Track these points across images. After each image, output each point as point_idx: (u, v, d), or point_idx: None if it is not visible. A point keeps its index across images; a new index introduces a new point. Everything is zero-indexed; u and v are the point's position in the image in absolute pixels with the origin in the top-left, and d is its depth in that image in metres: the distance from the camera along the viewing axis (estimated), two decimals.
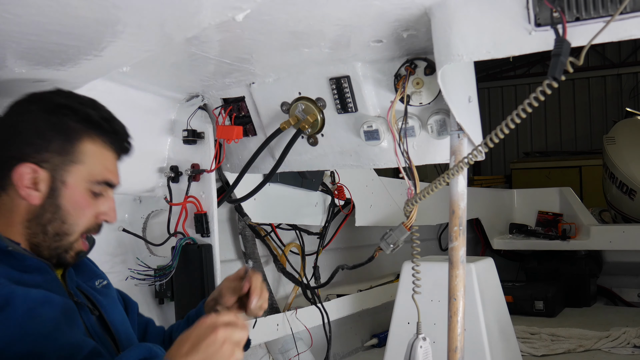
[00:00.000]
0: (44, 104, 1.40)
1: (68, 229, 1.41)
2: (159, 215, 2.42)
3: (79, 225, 1.42)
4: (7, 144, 1.38)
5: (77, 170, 1.40)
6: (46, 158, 1.37)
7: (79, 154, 1.40)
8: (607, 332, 3.84)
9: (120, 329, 1.52)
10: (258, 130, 2.26)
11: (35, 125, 1.38)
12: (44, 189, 1.37)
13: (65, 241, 1.41)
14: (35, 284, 1.34)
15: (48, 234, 1.39)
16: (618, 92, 12.02)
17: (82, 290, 1.50)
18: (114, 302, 1.59)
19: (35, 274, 1.36)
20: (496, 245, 5.24)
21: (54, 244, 1.40)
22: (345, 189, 3.24)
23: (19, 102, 1.44)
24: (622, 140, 5.69)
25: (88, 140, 1.41)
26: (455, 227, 1.71)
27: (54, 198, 1.38)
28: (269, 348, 3.05)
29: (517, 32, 1.44)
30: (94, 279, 1.59)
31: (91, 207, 1.43)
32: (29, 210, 1.38)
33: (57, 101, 1.41)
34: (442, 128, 1.87)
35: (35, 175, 1.37)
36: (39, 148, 1.37)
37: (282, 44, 1.76)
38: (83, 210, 1.42)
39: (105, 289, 1.59)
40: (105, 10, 1.28)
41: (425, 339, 1.84)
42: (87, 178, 1.41)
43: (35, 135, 1.37)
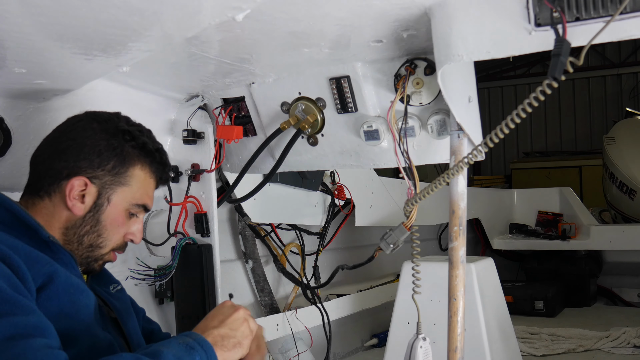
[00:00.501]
0: (108, 126, 1.50)
1: (102, 242, 1.51)
2: (159, 215, 2.43)
3: (112, 240, 1.53)
4: (65, 155, 1.47)
5: (122, 191, 1.51)
6: (99, 175, 1.48)
7: (128, 177, 1.51)
8: (607, 332, 3.84)
9: (132, 332, 1.58)
10: (258, 130, 2.26)
11: (96, 143, 1.48)
12: (89, 202, 1.47)
13: (96, 253, 1.52)
14: None
15: (83, 244, 1.49)
16: (618, 92, 12.02)
17: (98, 294, 1.56)
18: (128, 307, 1.65)
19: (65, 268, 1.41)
20: (496, 245, 5.24)
21: (86, 254, 1.51)
22: (345, 189, 3.24)
23: (80, 117, 1.53)
24: (622, 140, 5.70)
25: (139, 167, 1.53)
26: (455, 227, 1.71)
27: (96, 213, 1.49)
28: (269, 348, 3.05)
29: (517, 32, 1.44)
30: (109, 284, 1.65)
31: (125, 226, 1.54)
32: (69, 219, 1.47)
33: (120, 126, 1.51)
34: (442, 128, 1.87)
35: (85, 189, 1.46)
36: (95, 165, 1.47)
37: (282, 44, 1.76)
38: (118, 228, 1.53)
39: (120, 294, 1.66)
40: (105, 10, 1.28)
41: (425, 339, 1.84)
42: (130, 200, 1.52)
43: (94, 153, 1.47)
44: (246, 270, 3.00)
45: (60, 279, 1.33)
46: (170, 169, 1.66)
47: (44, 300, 1.29)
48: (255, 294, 3.02)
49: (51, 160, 1.47)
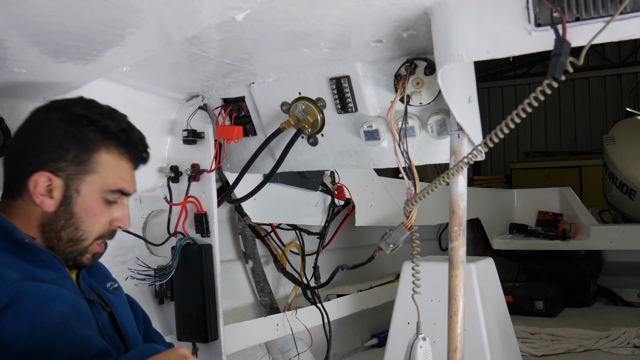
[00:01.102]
0: (64, 114, 1.43)
1: (82, 235, 1.45)
2: (159, 215, 2.42)
3: (92, 231, 1.46)
4: (26, 152, 1.42)
5: (91, 179, 1.43)
6: (62, 167, 1.41)
7: (94, 164, 1.43)
8: (607, 332, 3.84)
9: (129, 329, 1.55)
10: (258, 130, 2.26)
11: (54, 134, 1.41)
12: (58, 196, 1.41)
13: (79, 246, 1.46)
14: (48, 280, 1.37)
15: (62, 240, 1.44)
16: (618, 92, 12.02)
17: (95, 290, 1.54)
18: (124, 304, 1.63)
19: (49, 270, 1.39)
20: (496, 245, 5.24)
21: (68, 249, 1.45)
22: (345, 189, 3.24)
23: (40, 109, 1.47)
24: (622, 140, 5.69)
25: (104, 151, 1.44)
26: (455, 227, 1.71)
27: (68, 206, 1.42)
28: (269, 348, 3.05)
29: (517, 32, 1.44)
30: (105, 281, 1.63)
31: (104, 215, 1.47)
32: (43, 216, 1.43)
33: (77, 111, 1.43)
34: (442, 128, 1.87)
35: (50, 184, 1.40)
36: (56, 157, 1.40)
37: (282, 44, 1.76)
38: (96, 218, 1.46)
39: (116, 291, 1.63)
40: (105, 10, 1.28)
41: (425, 339, 1.84)
42: (101, 187, 1.45)
43: (53, 145, 1.40)
44: (246, 270, 3.00)
45: (28, 293, 1.28)
46: (144, 146, 1.54)
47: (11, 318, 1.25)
48: (255, 294, 3.02)
49: (16, 158, 1.43)
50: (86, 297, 1.46)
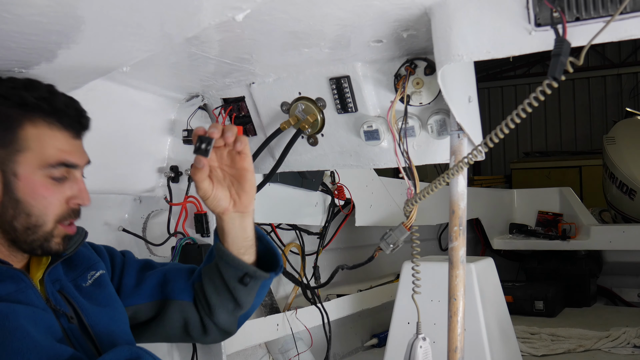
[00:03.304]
0: None
1: (37, 220, 1.32)
2: (159, 215, 2.42)
3: (47, 214, 1.33)
4: None
5: (25, 159, 1.30)
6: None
7: (22, 141, 1.30)
8: (607, 332, 3.84)
9: (102, 333, 1.44)
10: (258, 130, 2.26)
11: None
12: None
13: (39, 233, 1.33)
14: (6, 293, 1.27)
15: (17, 230, 1.32)
16: (618, 92, 12.03)
17: (64, 294, 1.43)
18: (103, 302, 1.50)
19: (7, 282, 1.29)
20: (496, 245, 5.24)
21: (29, 238, 1.33)
22: (345, 189, 3.24)
23: None
24: (622, 140, 5.70)
25: (29, 125, 1.31)
26: (455, 227, 1.71)
27: (10, 193, 1.30)
28: (269, 348, 3.05)
29: (517, 32, 1.44)
30: (87, 272, 1.52)
31: (55, 194, 1.34)
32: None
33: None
34: (442, 128, 1.87)
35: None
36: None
37: (282, 44, 1.76)
38: (46, 199, 1.32)
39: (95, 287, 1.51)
40: (105, 10, 1.28)
41: (425, 339, 1.84)
42: (40, 164, 1.31)
43: None
44: None
45: None
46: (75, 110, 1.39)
47: None
48: None
49: None
50: (52, 306, 1.35)
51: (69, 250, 1.45)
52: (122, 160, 2.19)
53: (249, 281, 1.55)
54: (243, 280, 1.55)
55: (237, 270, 1.55)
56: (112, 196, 2.32)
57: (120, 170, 2.20)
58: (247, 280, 1.55)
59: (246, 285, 1.55)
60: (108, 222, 2.33)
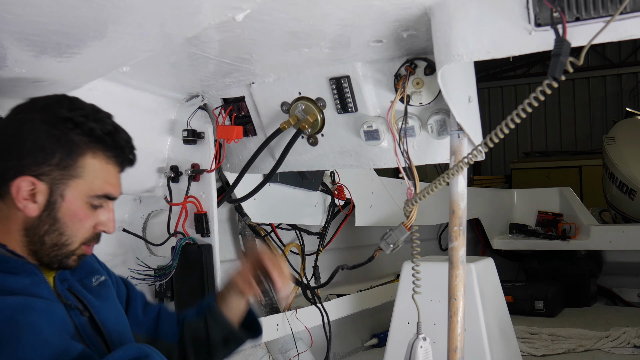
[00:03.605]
0: (48, 116, 1.37)
1: (66, 240, 1.40)
2: (159, 215, 2.42)
3: (77, 236, 1.41)
4: (7, 153, 1.36)
5: (76, 184, 1.38)
6: (46, 171, 1.35)
7: (79, 169, 1.38)
8: (607, 332, 3.83)
9: (112, 329, 1.49)
10: (258, 130, 2.26)
11: (37, 137, 1.35)
12: (41, 201, 1.36)
13: (64, 250, 1.41)
14: (21, 287, 1.31)
15: (45, 244, 1.39)
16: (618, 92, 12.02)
17: (74, 292, 1.48)
18: (110, 301, 1.56)
19: (23, 276, 1.34)
20: (496, 245, 5.24)
21: (53, 253, 1.40)
22: (345, 189, 3.24)
23: (21, 108, 1.41)
24: (622, 140, 5.69)
25: (90, 155, 1.39)
26: (455, 227, 1.71)
27: (52, 211, 1.37)
28: (269, 348, 3.05)
29: (517, 32, 1.44)
30: (91, 275, 1.56)
31: (89, 219, 1.42)
32: (25, 220, 1.37)
33: (61, 114, 1.37)
34: (442, 128, 1.87)
35: (33, 188, 1.35)
36: (40, 161, 1.35)
37: (282, 44, 1.76)
38: (81, 223, 1.41)
39: (101, 288, 1.57)
40: (105, 10, 1.28)
41: (425, 339, 1.84)
42: (87, 192, 1.40)
43: (37, 148, 1.35)
44: None
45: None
46: (130, 148, 1.48)
47: None
48: None
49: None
50: (63, 301, 1.41)
51: None
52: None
53: (231, 342, 1.73)
54: (227, 339, 1.71)
55: (224, 330, 1.72)
56: None
57: None
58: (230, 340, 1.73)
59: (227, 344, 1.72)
60: None
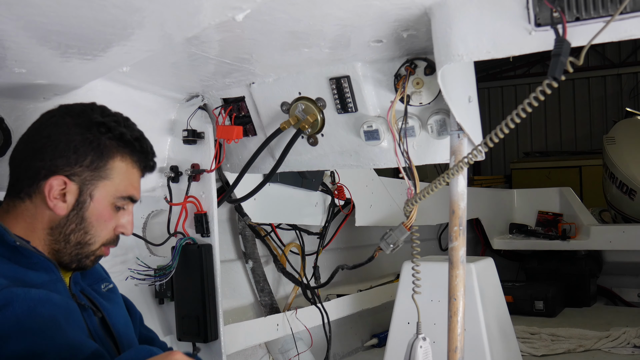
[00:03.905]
0: (81, 120, 1.44)
1: (90, 239, 1.47)
2: (159, 215, 2.43)
3: (101, 236, 1.48)
4: (40, 154, 1.42)
5: (104, 185, 1.46)
6: (77, 172, 1.42)
7: (109, 171, 1.46)
8: (607, 332, 3.84)
9: (121, 332, 1.54)
10: (258, 130, 2.26)
11: (71, 139, 1.42)
12: (71, 201, 1.43)
13: (86, 250, 1.47)
14: (40, 282, 1.36)
15: (70, 243, 1.45)
16: (618, 92, 12.03)
17: (86, 294, 1.53)
18: (118, 306, 1.62)
19: (41, 272, 1.39)
20: (496, 245, 5.24)
21: (75, 252, 1.46)
22: (345, 189, 3.24)
23: (53, 112, 1.47)
24: (622, 140, 5.70)
25: (119, 158, 1.47)
26: (455, 227, 1.71)
27: (80, 210, 1.44)
28: (269, 348, 3.05)
29: (517, 32, 1.44)
30: (100, 282, 1.62)
31: (112, 220, 1.49)
32: (52, 219, 1.43)
33: (95, 118, 1.45)
34: (442, 128, 1.87)
35: (64, 188, 1.42)
36: (72, 162, 1.42)
37: (282, 44, 1.76)
38: (105, 223, 1.48)
39: (110, 293, 1.63)
40: (105, 10, 1.28)
41: (425, 339, 1.84)
42: (113, 193, 1.47)
43: (70, 149, 1.42)
44: (246, 270, 3.00)
45: (17, 299, 1.28)
46: (153, 155, 1.58)
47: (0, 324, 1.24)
48: (255, 294, 3.02)
49: (28, 160, 1.43)
50: (77, 301, 1.46)
51: None
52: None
53: None
54: None
55: None
56: None
57: None
58: None
59: None
60: None
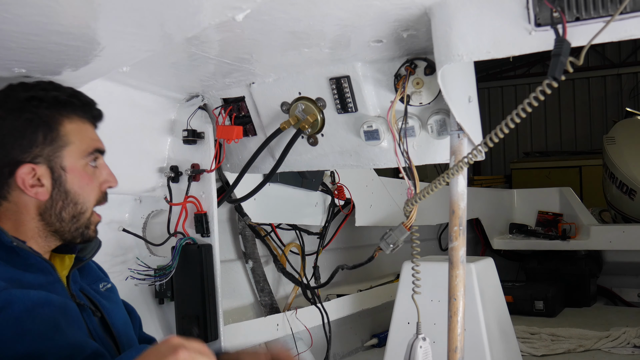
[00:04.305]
0: (9, 105, 1.40)
1: (81, 208, 1.46)
2: (159, 215, 2.42)
3: (90, 201, 1.48)
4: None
5: (68, 152, 1.43)
6: (37, 153, 1.39)
7: (64, 137, 1.42)
8: (607, 332, 3.83)
9: (121, 331, 1.53)
10: (258, 130, 2.26)
11: (11, 127, 1.38)
12: (47, 182, 1.41)
13: (82, 220, 1.47)
14: (38, 284, 1.35)
15: (64, 220, 1.44)
16: (618, 92, 12.03)
17: (85, 293, 1.52)
18: (117, 305, 1.61)
19: (38, 274, 1.37)
20: (496, 245, 5.24)
21: (74, 226, 1.46)
22: (345, 189, 3.24)
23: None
24: (622, 140, 5.70)
25: (67, 121, 1.44)
26: (455, 227, 1.71)
27: (60, 186, 1.42)
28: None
29: (517, 32, 1.44)
30: (99, 282, 1.62)
31: (93, 180, 1.48)
32: (38, 205, 1.42)
33: (22, 96, 1.41)
34: (442, 128, 1.87)
35: (35, 173, 1.39)
36: (27, 147, 1.39)
37: (282, 44, 1.76)
38: (89, 186, 1.47)
39: (109, 293, 1.62)
40: (105, 9, 1.28)
41: (425, 339, 1.84)
42: (80, 155, 1.45)
43: (17, 137, 1.38)
44: (246, 270, 3.00)
45: (16, 300, 1.27)
46: (94, 103, 1.53)
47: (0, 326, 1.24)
48: (255, 294, 3.02)
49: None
50: (76, 301, 1.44)
51: (88, 256, 1.57)
52: (122, 160, 2.19)
53: None
54: None
55: None
56: (112, 196, 2.31)
57: (120, 170, 2.19)
58: None
59: None
60: (108, 222, 2.33)
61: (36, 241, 1.44)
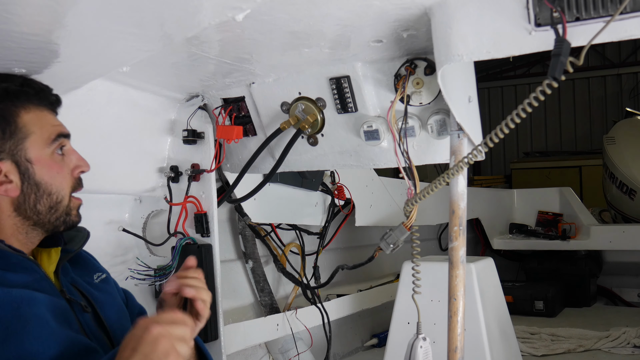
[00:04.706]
0: None
1: (57, 197, 1.43)
2: (159, 215, 2.42)
3: (64, 188, 1.44)
4: None
5: (31, 143, 1.40)
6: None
7: (24, 128, 1.39)
8: (607, 332, 3.84)
9: (115, 325, 1.50)
10: (258, 130, 2.26)
11: None
12: (15, 178, 1.38)
13: (60, 209, 1.44)
14: (23, 284, 1.32)
15: (42, 212, 1.41)
16: (618, 92, 12.03)
17: (77, 286, 1.49)
18: (111, 297, 1.57)
19: (22, 274, 1.35)
20: (496, 245, 5.24)
21: (52, 217, 1.43)
22: (345, 189, 3.24)
23: None
24: (622, 140, 5.70)
25: (23, 112, 1.40)
26: (455, 227, 1.71)
27: (30, 179, 1.39)
28: (269, 348, 3.05)
29: (517, 32, 1.44)
30: (93, 272, 1.58)
31: (63, 168, 1.45)
32: (11, 202, 1.39)
33: None
34: (442, 128, 1.87)
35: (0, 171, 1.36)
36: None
37: (282, 44, 1.76)
38: (60, 174, 1.43)
39: (103, 284, 1.58)
40: (105, 9, 1.28)
41: (425, 339, 1.84)
42: (44, 143, 1.41)
43: None
44: (246, 270, 3.00)
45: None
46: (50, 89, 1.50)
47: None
48: (255, 294, 3.02)
49: None
50: (66, 297, 1.42)
51: (76, 247, 1.54)
52: (122, 160, 2.19)
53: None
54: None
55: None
56: (112, 196, 2.33)
57: (120, 170, 2.20)
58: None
59: None
60: (108, 222, 2.33)
61: (17, 238, 1.41)
